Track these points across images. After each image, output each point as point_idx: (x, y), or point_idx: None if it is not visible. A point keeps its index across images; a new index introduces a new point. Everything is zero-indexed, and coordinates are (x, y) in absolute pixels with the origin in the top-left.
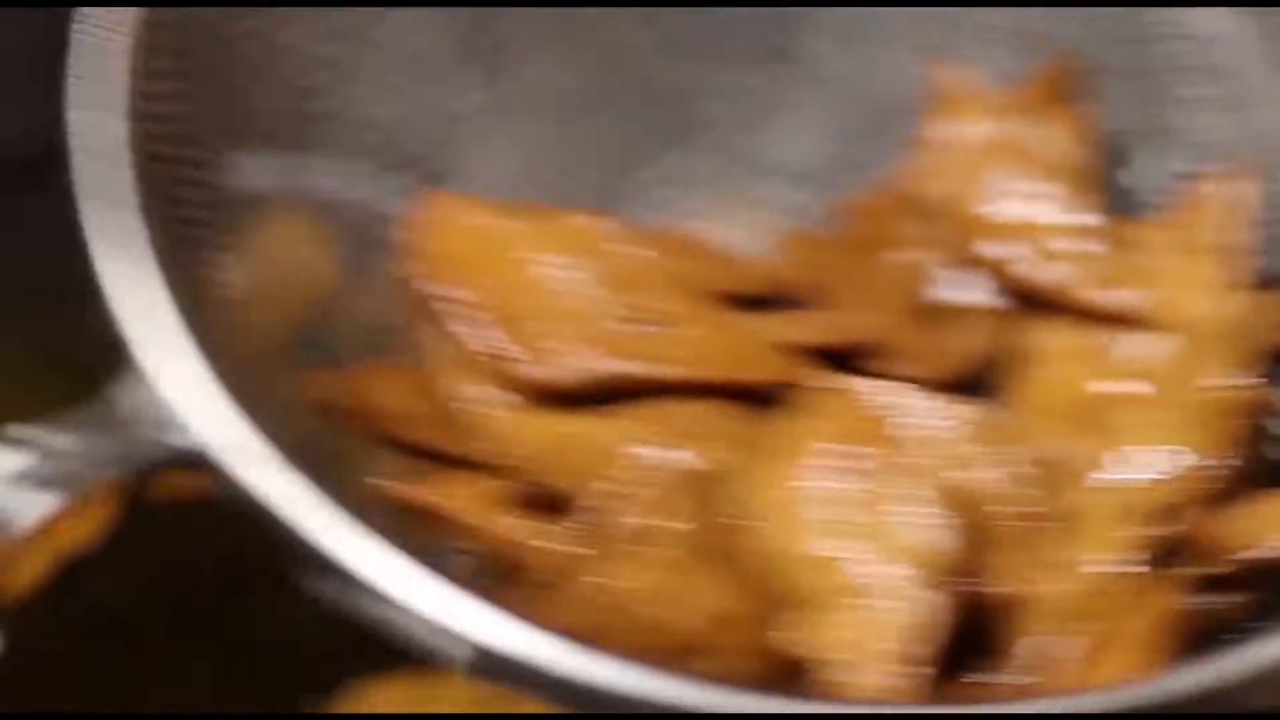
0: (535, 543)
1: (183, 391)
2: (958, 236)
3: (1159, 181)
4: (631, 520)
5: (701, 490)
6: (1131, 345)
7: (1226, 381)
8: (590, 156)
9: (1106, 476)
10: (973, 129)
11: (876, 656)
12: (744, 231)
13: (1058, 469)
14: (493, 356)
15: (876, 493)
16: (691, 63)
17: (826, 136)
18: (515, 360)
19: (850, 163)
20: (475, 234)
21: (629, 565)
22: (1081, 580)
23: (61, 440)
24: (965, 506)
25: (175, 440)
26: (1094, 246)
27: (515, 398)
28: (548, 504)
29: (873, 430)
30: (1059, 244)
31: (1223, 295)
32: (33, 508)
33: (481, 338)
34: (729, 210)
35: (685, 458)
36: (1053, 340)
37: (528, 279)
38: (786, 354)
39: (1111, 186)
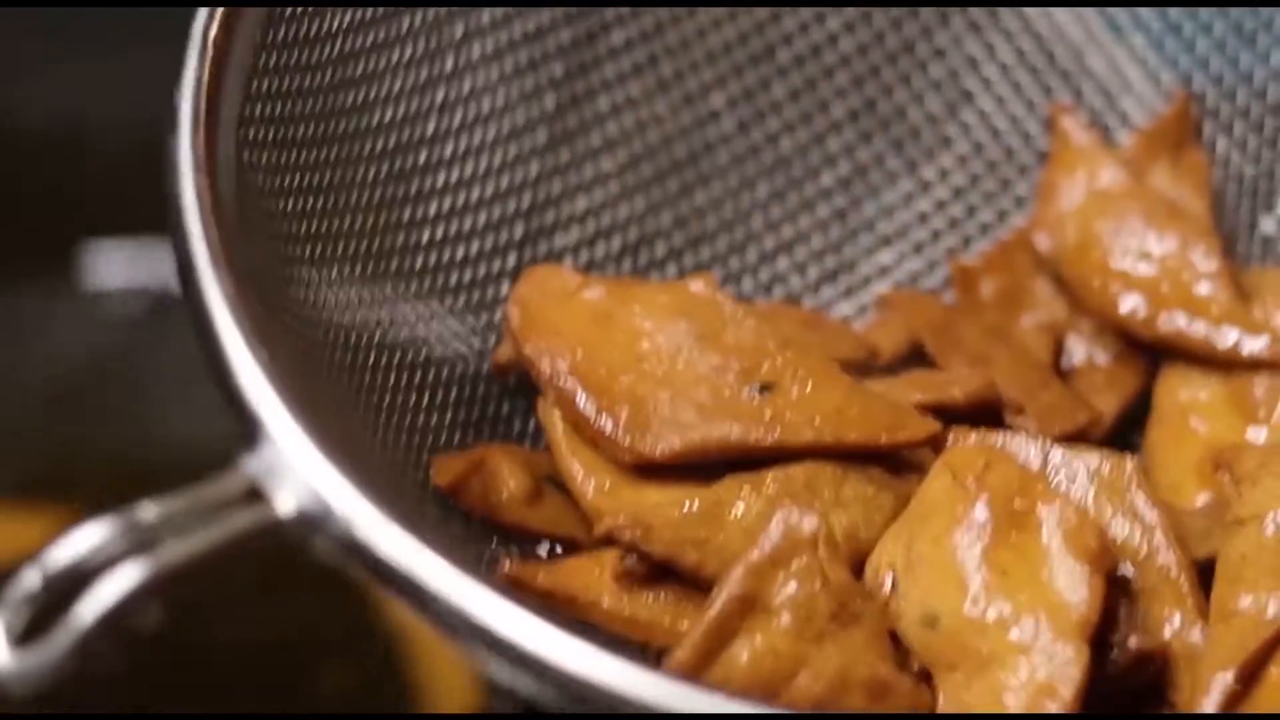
0: (680, 625)
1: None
2: (1084, 290)
3: None
4: (784, 591)
5: (851, 556)
6: (1267, 392)
7: None
8: (691, 229)
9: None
10: (1095, 178)
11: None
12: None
13: (1200, 519)
14: (604, 432)
15: (1027, 550)
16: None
17: (942, 200)
18: (630, 432)
19: (971, 224)
20: (575, 305)
21: (782, 639)
22: (1236, 628)
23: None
24: (1112, 560)
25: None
26: (1224, 295)
27: (631, 472)
28: (682, 579)
29: (1019, 486)
30: (1189, 294)
31: None
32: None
33: (590, 411)
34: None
35: (831, 524)
36: (1185, 390)
37: (639, 350)
38: (922, 414)
39: (1255, 233)
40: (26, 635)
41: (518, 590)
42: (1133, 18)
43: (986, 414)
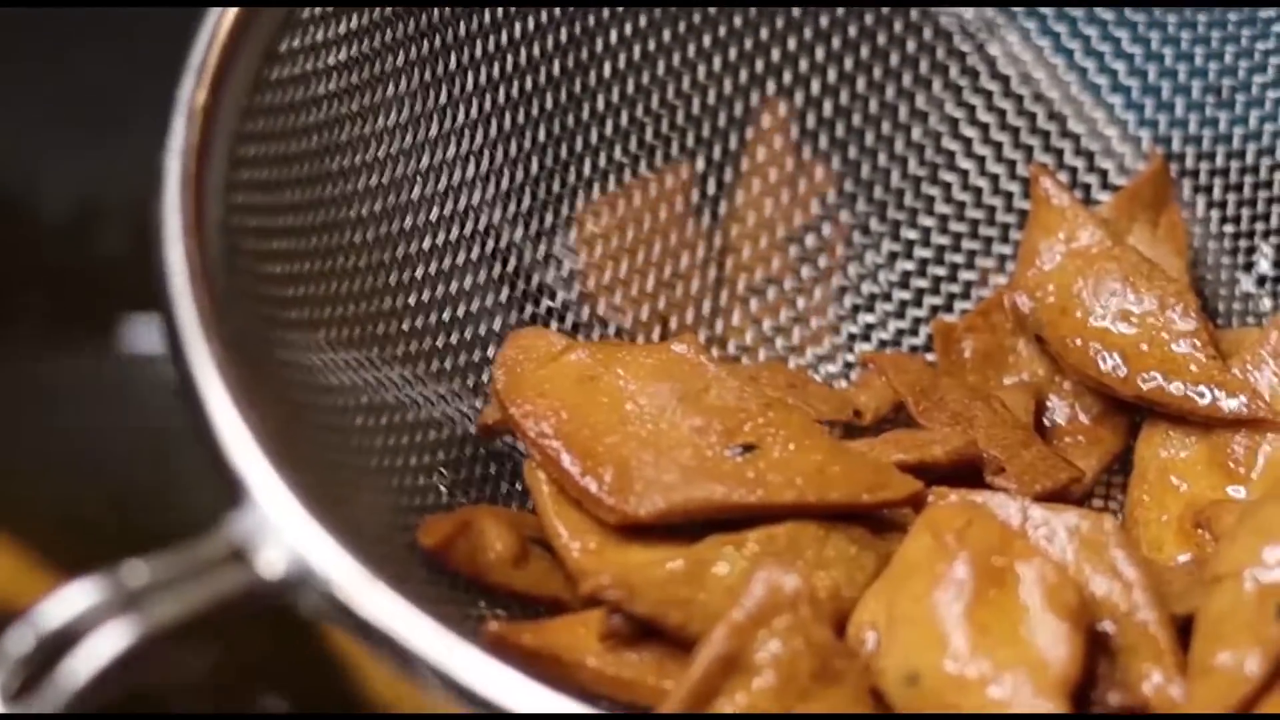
0: (665, 684)
1: (290, 522)
2: (1065, 350)
3: None
4: (767, 650)
5: (833, 615)
6: (1246, 450)
7: None
8: (676, 291)
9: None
10: (1075, 239)
11: None
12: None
13: (1181, 576)
14: (589, 493)
15: (1007, 607)
16: None
17: (924, 260)
18: (614, 493)
19: (953, 284)
20: (560, 367)
21: (764, 698)
22: (1215, 685)
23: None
24: (1091, 616)
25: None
26: (1202, 354)
27: (615, 532)
28: (667, 638)
29: (999, 544)
30: (1167, 353)
31: None
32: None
33: (575, 472)
34: (827, 343)
35: (813, 583)
36: (1166, 449)
37: (623, 411)
38: (904, 474)
39: (1235, 291)
40: (18, 693)
41: (503, 650)
42: (1111, 79)
43: (968, 473)
